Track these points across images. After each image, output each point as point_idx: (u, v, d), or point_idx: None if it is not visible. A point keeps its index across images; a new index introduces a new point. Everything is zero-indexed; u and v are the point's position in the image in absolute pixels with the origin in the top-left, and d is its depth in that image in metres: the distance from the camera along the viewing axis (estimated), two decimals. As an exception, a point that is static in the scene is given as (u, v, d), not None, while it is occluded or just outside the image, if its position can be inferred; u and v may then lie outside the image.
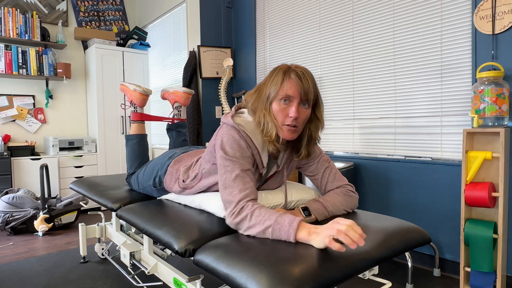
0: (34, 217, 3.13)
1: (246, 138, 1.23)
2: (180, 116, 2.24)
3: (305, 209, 1.25)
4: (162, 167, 1.68)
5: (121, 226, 2.19)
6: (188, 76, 3.54)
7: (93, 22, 4.47)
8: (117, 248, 2.44)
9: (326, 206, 1.28)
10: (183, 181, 1.51)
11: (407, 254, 1.95)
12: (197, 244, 1.15)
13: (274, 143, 1.21)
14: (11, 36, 3.71)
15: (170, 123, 2.20)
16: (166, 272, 1.53)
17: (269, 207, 1.27)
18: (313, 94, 1.20)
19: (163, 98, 2.30)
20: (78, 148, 4.04)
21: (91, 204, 3.96)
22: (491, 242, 1.78)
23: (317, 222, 1.25)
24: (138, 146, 1.99)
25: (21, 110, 3.97)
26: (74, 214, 3.34)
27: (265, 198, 1.31)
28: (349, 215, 1.35)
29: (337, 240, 0.95)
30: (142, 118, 2.06)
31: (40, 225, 3.05)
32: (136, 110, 2.07)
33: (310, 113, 1.23)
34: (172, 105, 2.25)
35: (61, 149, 3.92)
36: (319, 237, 0.98)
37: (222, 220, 1.29)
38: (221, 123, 1.31)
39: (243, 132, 1.23)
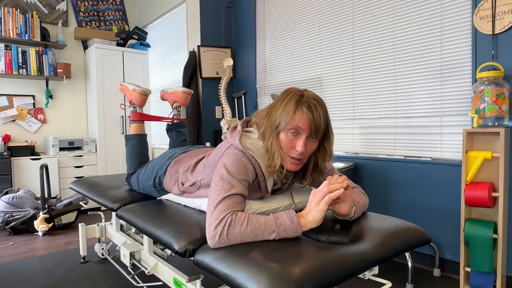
0: (34, 217, 3.13)
1: (254, 164, 1.19)
2: (179, 116, 2.24)
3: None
4: (162, 167, 1.67)
5: (121, 226, 2.19)
6: (188, 76, 3.54)
7: (93, 22, 4.47)
8: (117, 248, 2.44)
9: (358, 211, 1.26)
10: (182, 184, 1.51)
11: (407, 254, 1.95)
12: (197, 244, 1.15)
13: (278, 173, 1.20)
14: (11, 36, 3.71)
15: (169, 123, 2.21)
16: (166, 272, 1.53)
17: (270, 210, 1.27)
18: (323, 128, 1.16)
19: (163, 99, 2.30)
20: (78, 148, 4.04)
21: (91, 204, 3.96)
22: (491, 242, 1.78)
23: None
24: (137, 146, 1.99)
25: (21, 110, 3.97)
26: (74, 214, 3.34)
27: (265, 201, 1.31)
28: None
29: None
30: (141, 118, 2.05)
31: (40, 225, 3.05)
32: (136, 110, 2.07)
33: (317, 145, 1.21)
34: (172, 105, 2.26)
35: (61, 149, 3.92)
36: (314, 213, 1.09)
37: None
38: (227, 141, 1.26)
39: (252, 157, 1.19)
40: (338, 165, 2.54)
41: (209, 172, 1.35)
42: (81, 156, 3.96)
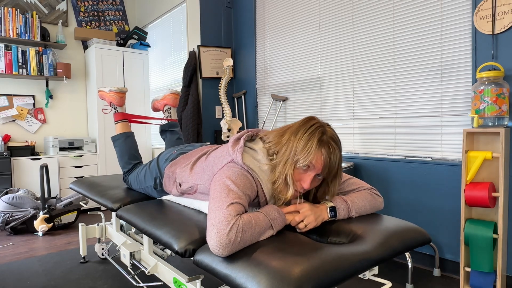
0: (34, 217, 3.13)
1: (257, 183, 1.18)
2: (170, 117, 2.27)
3: (332, 209, 1.24)
4: (160, 169, 1.68)
5: (121, 226, 2.19)
6: (188, 76, 3.54)
7: (93, 22, 4.47)
8: (117, 248, 2.44)
9: (350, 210, 1.27)
10: (180, 185, 1.51)
11: (407, 254, 1.95)
12: (197, 244, 1.15)
13: (282, 199, 1.20)
14: (11, 36, 3.70)
15: (162, 125, 2.23)
16: (166, 272, 1.53)
17: None
18: (333, 172, 1.17)
19: (155, 109, 2.35)
20: (78, 148, 4.04)
21: (91, 204, 3.96)
22: (491, 242, 1.78)
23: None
24: (125, 145, 2.00)
25: (21, 110, 3.97)
26: (74, 214, 3.34)
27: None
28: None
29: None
30: (124, 117, 2.08)
31: (40, 225, 3.05)
32: (117, 110, 2.10)
33: (321, 181, 1.21)
34: (163, 110, 2.29)
35: (61, 149, 3.92)
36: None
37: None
38: (228, 154, 1.24)
39: (256, 177, 1.18)
40: (338, 165, 2.54)
41: (206, 179, 1.34)
42: (81, 156, 3.96)
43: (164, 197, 1.72)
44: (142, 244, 1.79)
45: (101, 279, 2.17)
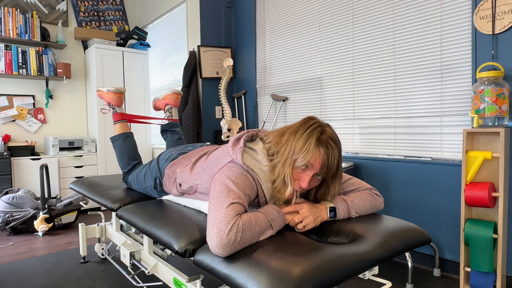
0: (34, 217, 3.13)
1: (257, 184, 1.18)
2: (171, 117, 2.27)
3: (332, 209, 1.23)
4: (160, 169, 1.68)
5: (121, 226, 2.19)
6: (188, 76, 3.54)
7: (93, 22, 4.47)
8: (117, 248, 2.44)
9: (350, 210, 1.26)
10: (180, 185, 1.51)
11: (407, 254, 1.95)
12: (197, 244, 1.15)
13: (282, 199, 1.20)
14: (11, 36, 3.70)
15: (163, 125, 2.23)
16: (166, 272, 1.53)
17: None
18: (333, 171, 1.17)
19: (156, 108, 2.34)
20: (78, 148, 4.04)
21: (91, 204, 3.96)
22: (491, 242, 1.78)
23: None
24: (124, 145, 2.00)
25: (21, 110, 3.97)
26: (74, 214, 3.34)
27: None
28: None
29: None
30: (123, 117, 2.08)
31: (40, 225, 3.05)
32: (116, 111, 2.09)
33: (320, 182, 1.21)
34: (164, 109, 2.29)
35: (61, 149, 3.92)
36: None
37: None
38: (228, 154, 1.24)
39: (256, 177, 1.17)
40: (338, 165, 2.54)
41: (206, 179, 1.34)
42: (81, 156, 3.96)
43: (164, 197, 1.72)
44: (142, 244, 1.79)
45: (101, 279, 2.17)
